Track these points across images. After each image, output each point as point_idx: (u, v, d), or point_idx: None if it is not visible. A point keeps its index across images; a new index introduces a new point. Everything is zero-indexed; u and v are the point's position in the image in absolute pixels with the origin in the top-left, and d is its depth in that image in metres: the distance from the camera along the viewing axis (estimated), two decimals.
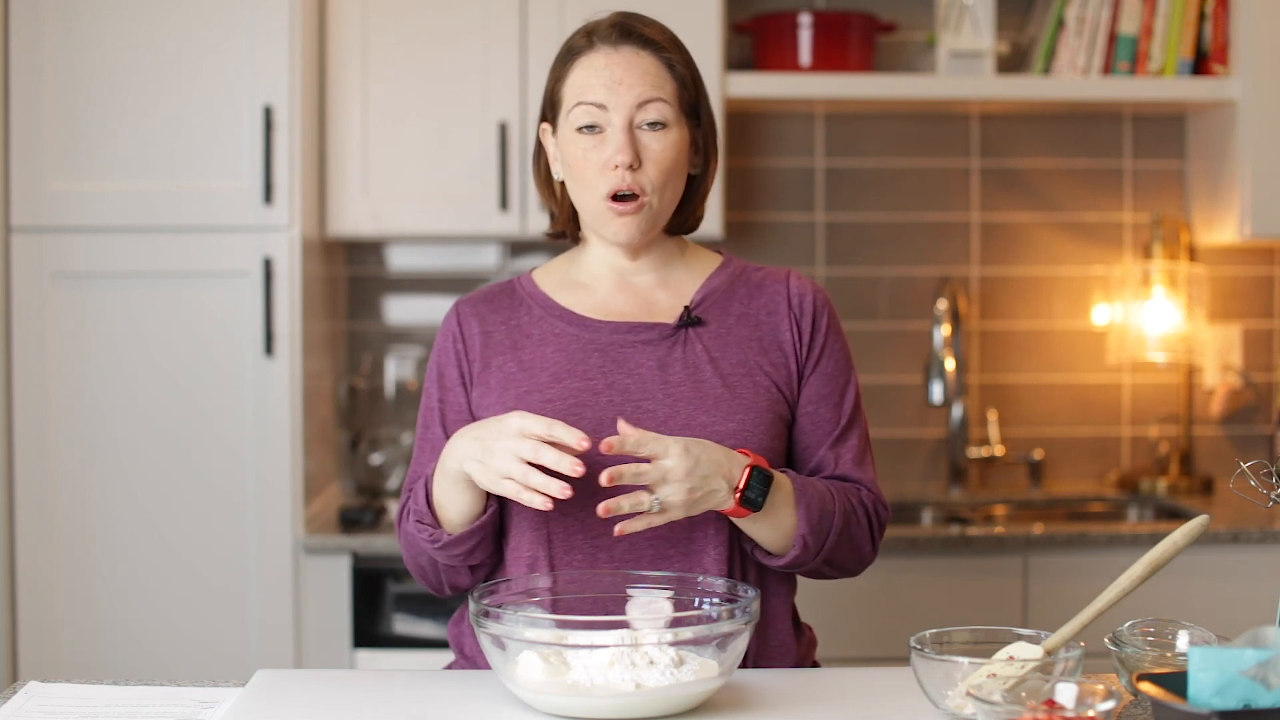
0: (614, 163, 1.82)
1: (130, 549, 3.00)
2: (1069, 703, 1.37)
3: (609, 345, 1.87)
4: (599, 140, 1.83)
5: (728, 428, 1.82)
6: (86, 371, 2.99)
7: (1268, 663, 1.38)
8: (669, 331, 1.87)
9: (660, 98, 1.83)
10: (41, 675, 2.26)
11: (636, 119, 1.83)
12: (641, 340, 1.87)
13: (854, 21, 3.38)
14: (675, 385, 1.84)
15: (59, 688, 1.70)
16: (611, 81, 1.82)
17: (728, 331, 1.89)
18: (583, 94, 1.83)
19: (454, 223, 3.23)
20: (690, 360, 1.86)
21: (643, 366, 1.85)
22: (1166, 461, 3.54)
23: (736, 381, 1.85)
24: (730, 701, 1.61)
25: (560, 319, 1.90)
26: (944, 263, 3.60)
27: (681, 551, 1.81)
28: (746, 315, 1.91)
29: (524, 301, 1.94)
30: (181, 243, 3.00)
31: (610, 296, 1.92)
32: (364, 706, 1.60)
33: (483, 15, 3.20)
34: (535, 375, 1.86)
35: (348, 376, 3.48)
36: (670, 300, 1.91)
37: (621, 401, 1.83)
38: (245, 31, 2.98)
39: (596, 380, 1.84)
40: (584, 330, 1.88)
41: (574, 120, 1.84)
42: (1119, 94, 3.38)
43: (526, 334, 1.90)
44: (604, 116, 1.83)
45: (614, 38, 1.85)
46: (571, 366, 1.86)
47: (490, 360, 1.89)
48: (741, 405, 1.83)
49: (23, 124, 2.98)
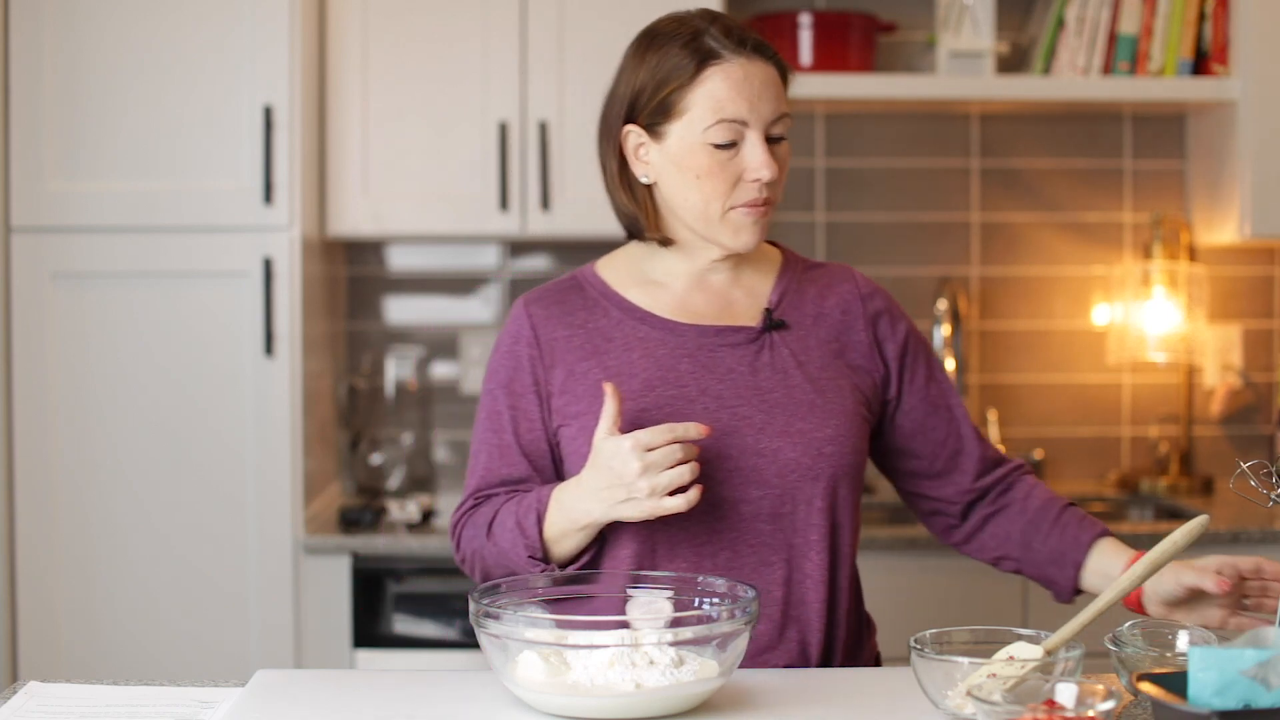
0: (756, 176, 1.78)
1: (130, 549, 3.00)
2: (1069, 703, 1.36)
3: (697, 350, 1.83)
4: (733, 153, 1.79)
5: (825, 433, 1.81)
6: (86, 371, 2.99)
7: (1268, 663, 1.38)
8: (754, 334, 1.85)
9: (786, 112, 1.82)
10: (41, 675, 2.26)
11: (769, 132, 1.80)
12: (728, 344, 1.84)
13: (854, 21, 3.38)
14: (767, 391, 1.82)
15: (59, 688, 1.70)
16: (753, 96, 1.78)
17: (807, 334, 1.87)
18: (723, 110, 1.77)
19: (454, 223, 3.23)
20: (778, 364, 1.84)
21: (734, 371, 1.83)
22: (1166, 461, 3.54)
23: (825, 385, 1.84)
24: (730, 701, 1.61)
25: (642, 322, 1.85)
26: (944, 263, 3.60)
27: (782, 558, 1.81)
28: (821, 316, 1.89)
29: (597, 301, 1.88)
30: (181, 243, 3.00)
31: (688, 295, 1.88)
32: (364, 706, 1.60)
33: (483, 15, 3.20)
34: (626, 383, 1.81)
35: (348, 376, 3.48)
36: (747, 300, 1.89)
37: (716, 408, 1.80)
38: (245, 31, 2.98)
39: (689, 386, 1.81)
40: (669, 334, 1.84)
41: (712, 135, 1.78)
42: (1119, 94, 3.38)
43: (608, 337, 1.85)
44: (740, 132, 1.78)
45: (745, 47, 1.79)
46: (663, 374, 1.82)
47: (573, 367, 1.84)
48: (833, 410, 1.82)
49: (23, 124, 2.98)
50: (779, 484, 1.79)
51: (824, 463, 1.80)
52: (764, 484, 1.79)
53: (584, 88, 3.18)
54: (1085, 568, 1.85)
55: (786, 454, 1.79)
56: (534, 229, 3.21)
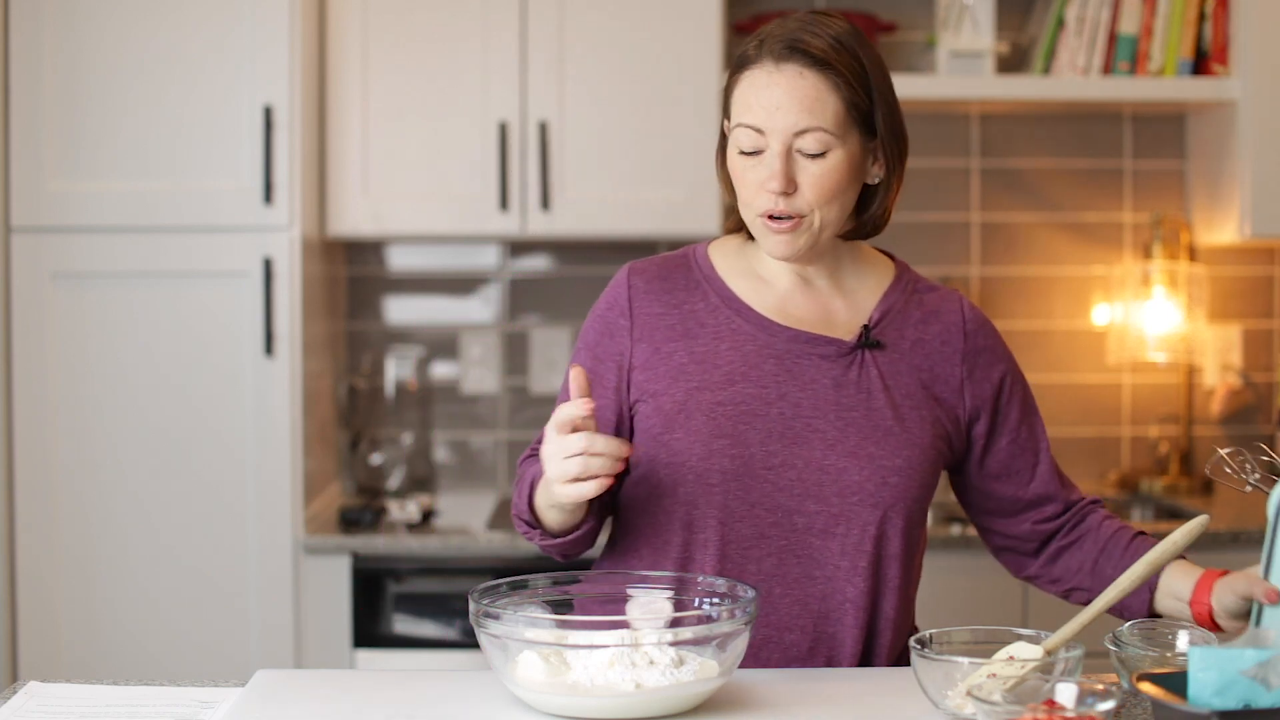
0: (767, 187, 1.75)
1: (130, 549, 3.00)
2: (1069, 703, 1.37)
3: (785, 354, 1.81)
4: (757, 161, 1.76)
5: (894, 463, 1.78)
6: (86, 371, 2.99)
7: (1268, 663, 1.38)
8: (846, 349, 1.81)
9: (819, 126, 1.74)
10: (41, 675, 2.26)
11: (795, 145, 1.75)
12: (819, 354, 1.81)
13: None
14: (848, 409, 1.79)
15: (59, 688, 1.70)
16: (770, 106, 1.74)
17: (901, 358, 1.83)
18: (743, 115, 1.76)
19: (454, 223, 3.23)
20: (864, 384, 1.80)
21: (817, 382, 1.80)
22: (1166, 461, 3.54)
23: (907, 414, 1.81)
24: (730, 701, 1.61)
25: (739, 314, 1.83)
26: (944, 263, 3.60)
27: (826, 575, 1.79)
28: (920, 342, 1.85)
29: (700, 285, 1.86)
30: (181, 243, 3.00)
31: (790, 297, 1.85)
32: (364, 706, 1.60)
33: (483, 15, 3.20)
34: (709, 371, 1.80)
35: (348, 376, 3.48)
36: (848, 312, 1.85)
37: (792, 415, 1.78)
38: (245, 31, 2.98)
39: (770, 389, 1.79)
40: (762, 332, 1.82)
41: (736, 139, 1.78)
42: (1119, 94, 3.38)
43: (701, 323, 1.83)
44: (761, 140, 1.75)
45: (780, 53, 1.74)
46: (746, 370, 1.80)
47: (660, 345, 1.83)
48: (909, 440, 1.79)
49: (23, 124, 2.98)
50: (838, 504, 1.77)
51: (887, 491, 1.77)
52: (823, 500, 1.77)
53: (584, 88, 3.19)
54: (1158, 589, 1.79)
55: (851, 475, 1.77)
56: (534, 229, 3.21)
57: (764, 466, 1.75)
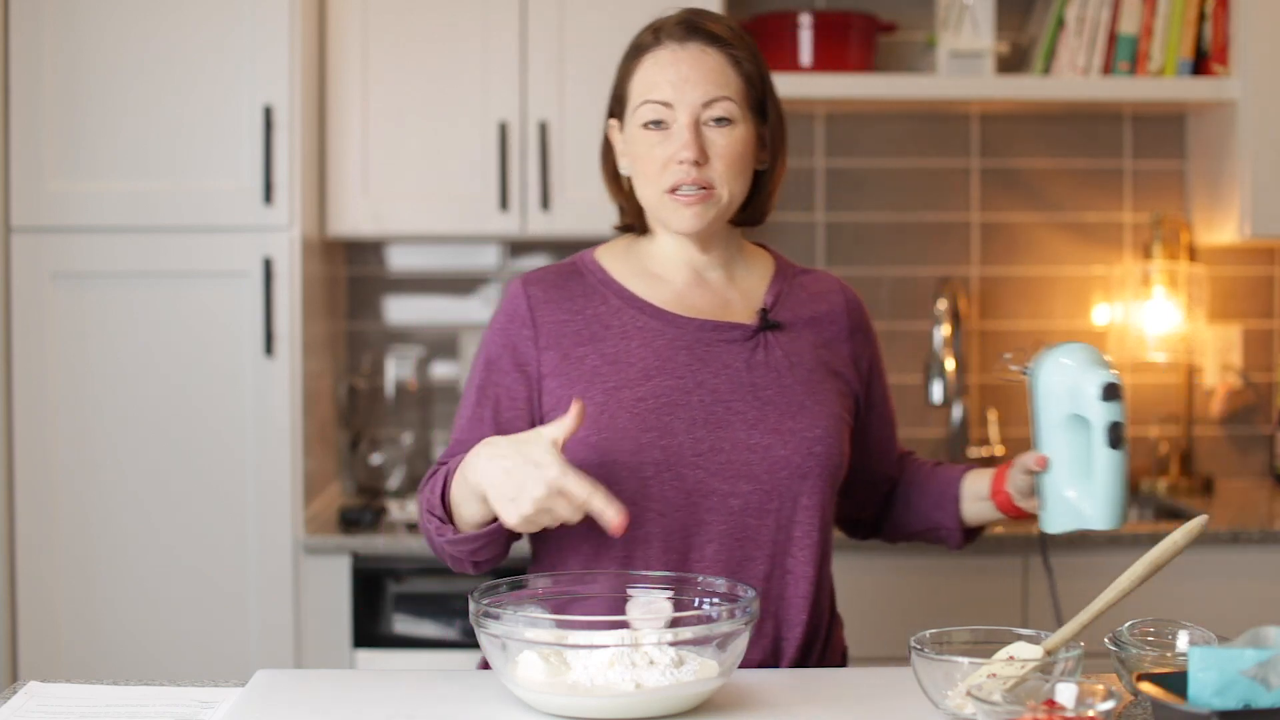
0: (679, 158, 1.81)
1: (130, 549, 3.00)
2: (1069, 703, 1.37)
3: (695, 343, 1.86)
4: (664, 136, 1.83)
5: (815, 433, 1.84)
6: (86, 372, 2.99)
7: (1268, 663, 1.38)
8: (750, 333, 1.88)
9: (726, 96, 1.83)
10: (41, 675, 2.26)
11: (703, 116, 1.83)
12: (725, 340, 1.87)
13: (854, 21, 3.38)
14: (762, 389, 1.85)
15: (59, 688, 1.70)
16: (678, 79, 1.82)
17: (799, 336, 1.91)
18: (649, 91, 1.84)
19: (454, 223, 3.23)
20: (772, 363, 1.87)
21: (730, 367, 1.85)
22: (1166, 461, 3.54)
23: (815, 387, 1.88)
24: (730, 701, 1.61)
25: (642, 311, 1.88)
26: (944, 263, 3.60)
27: (766, 554, 1.83)
28: (813, 320, 1.94)
29: (598, 289, 1.90)
30: (181, 243, 3.00)
31: (688, 291, 1.90)
32: (364, 706, 1.60)
33: (483, 15, 3.20)
34: (623, 370, 1.83)
35: (348, 376, 3.48)
36: (742, 301, 1.92)
37: (711, 402, 1.83)
38: (245, 31, 2.99)
39: (686, 379, 1.83)
40: (669, 326, 1.87)
41: (640, 116, 1.84)
42: (1119, 94, 3.38)
43: (606, 325, 1.87)
44: (670, 114, 1.83)
45: (681, 34, 1.84)
46: (660, 364, 1.84)
47: (569, 351, 1.85)
48: (825, 411, 1.86)
49: (22, 124, 2.98)
50: (769, 480, 1.82)
51: (814, 462, 1.83)
52: (754, 479, 1.81)
53: (584, 88, 3.19)
54: (963, 498, 1.96)
55: (778, 451, 1.82)
56: (534, 229, 3.21)
57: (693, 453, 1.79)
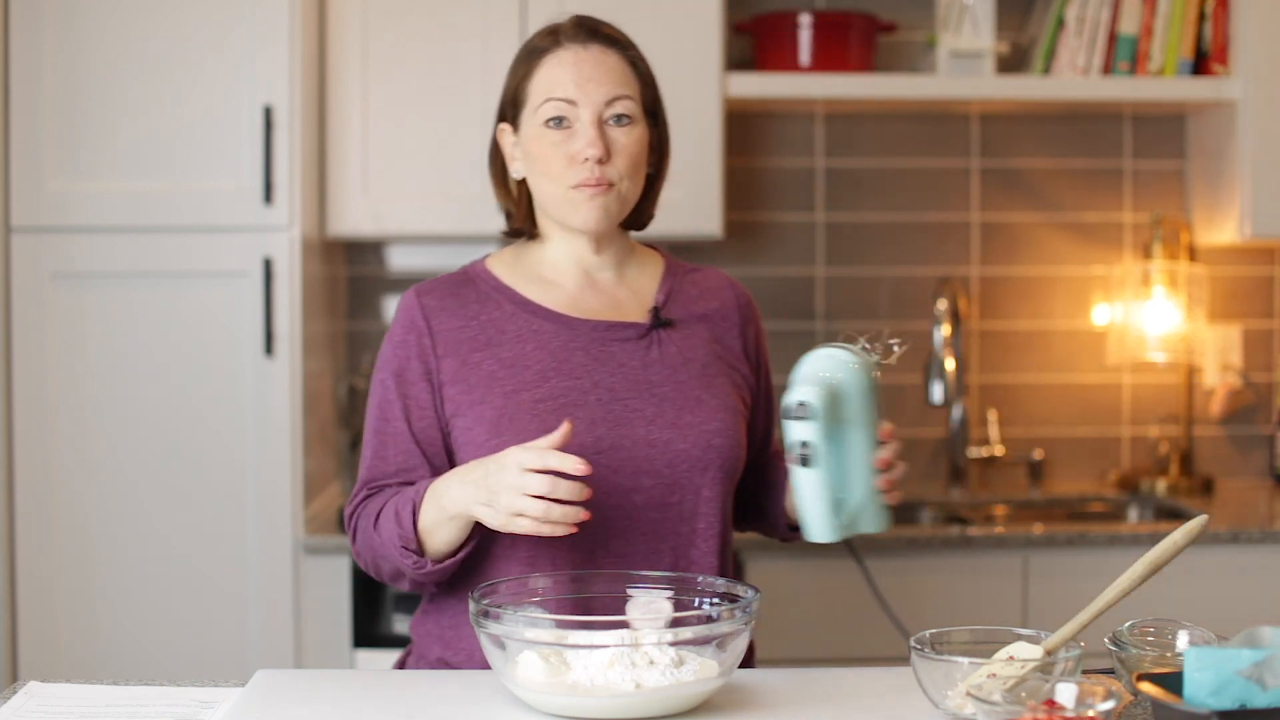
0: (584, 155, 1.85)
1: (130, 549, 3.00)
2: (1069, 703, 1.37)
3: (590, 343, 1.90)
4: (567, 135, 1.87)
5: (713, 426, 1.88)
6: (86, 372, 2.99)
7: (1263, 663, 1.38)
8: (643, 331, 1.92)
9: (628, 95, 1.89)
10: (41, 675, 2.26)
11: (605, 114, 1.87)
12: (619, 339, 1.91)
13: (854, 21, 3.38)
14: (658, 385, 1.89)
15: (59, 688, 1.70)
16: (581, 78, 1.87)
17: (692, 333, 1.95)
18: (552, 89, 1.87)
19: (454, 223, 3.23)
20: (667, 360, 1.91)
21: (626, 365, 1.89)
22: (1166, 461, 3.54)
23: (710, 381, 1.92)
24: (730, 701, 1.61)
25: (535, 315, 1.91)
26: (944, 263, 3.60)
27: (670, 546, 1.86)
28: (705, 316, 1.98)
29: (491, 296, 1.93)
30: (181, 243, 3.00)
31: (580, 293, 1.94)
32: (364, 706, 1.60)
33: (483, 15, 3.20)
34: (519, 374, 1.86)
35: (348, 376, 3.48)
36: (634, 301, 1.96)
37: (610, 399, 1.86)
38: (245, 31, 2.98)
39: (583, 379, 1.87)
40: (563, 328, 1.90)
41: (543, 114, 1.88)
42: (1119, 94, 3.38)
43: (502, 330, 1.90)
44: (573, 112, 1.87)
45: (583, 37, 1.90)
46: (556, 365, 1.87)
47: (466, 356, 1.88)
48: (720, 405, 1.90)
49: (23, 124, 2.98)
50: (669, 474, 1.85)
51: (713, 454, 1.87)
52: (655, 474, 1.85)
53: None
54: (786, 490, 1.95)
55: (677, 445, 1.86)
56: None
57: (595, 452, 1.81)
